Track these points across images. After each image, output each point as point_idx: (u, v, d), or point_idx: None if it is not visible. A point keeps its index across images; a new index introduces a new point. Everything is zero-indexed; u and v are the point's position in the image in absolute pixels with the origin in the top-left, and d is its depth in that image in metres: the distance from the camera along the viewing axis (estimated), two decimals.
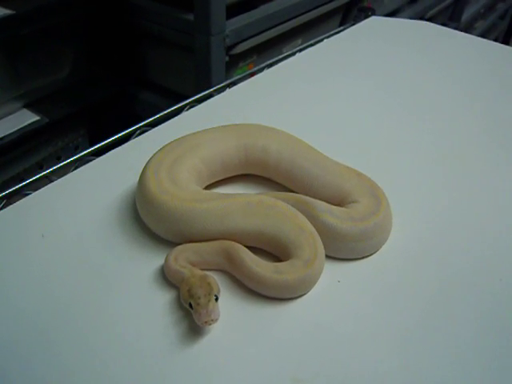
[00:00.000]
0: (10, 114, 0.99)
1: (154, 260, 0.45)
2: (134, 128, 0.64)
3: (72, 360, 0.37)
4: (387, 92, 0.72)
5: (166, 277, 0.43)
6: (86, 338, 0.39)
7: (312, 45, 0.86)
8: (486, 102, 0.71)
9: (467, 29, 1.93)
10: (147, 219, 0.47)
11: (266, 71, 0.78)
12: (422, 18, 1.58)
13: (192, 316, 0.38)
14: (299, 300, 0.42)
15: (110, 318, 0.40)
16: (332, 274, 0.44)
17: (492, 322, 0.41)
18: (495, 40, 0.91)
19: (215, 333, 0.39)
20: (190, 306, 0.38)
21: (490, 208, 0.53)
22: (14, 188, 0.54)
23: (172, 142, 0.52)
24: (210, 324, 0.37)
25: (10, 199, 0.53)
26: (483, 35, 1.97)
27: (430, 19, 1.65)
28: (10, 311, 0.41)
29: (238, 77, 0.78)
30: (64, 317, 0.40)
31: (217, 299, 0.38)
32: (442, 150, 0.61)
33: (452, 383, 0.37)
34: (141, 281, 0.43)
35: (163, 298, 0.42)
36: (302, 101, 0.69)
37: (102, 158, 0.58)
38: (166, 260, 0.43)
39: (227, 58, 1.01)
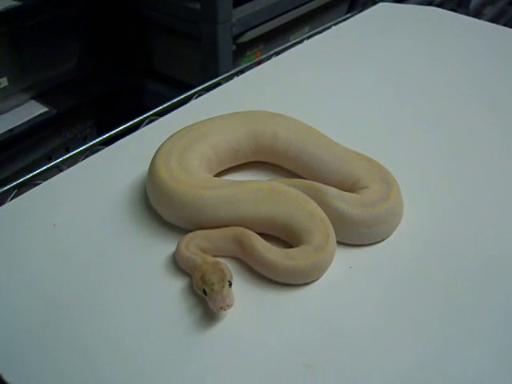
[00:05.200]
0: (19, 105, 0.99)
1: (165, 247, 0.45)
2: (142, 117, 0.64)
3: (86, 347, 0.38)
4: (396, 78, 0.72)
5: (178, 264, 0.43)
6: (99, 326, 0.39)
7: (319, 32, 0.85)
8: (496, 89, 0.70)
9: (476, 15, 1.91)
10: (158, 207, 0.47)
11: (273, 59, 0.77)
12: (430, 4, 1.56)
13: (206, 302, 0.39)
14: (311, 286, 0.42)
15: (123, 306, 0.40)
16: (343, 259, 0.44)
17: (507, 309, 0.41)
18: (504, 26, 0.89)
19: (228, 319, 0.39)
20: (204, 292, 0.38)
21: (502, 195, 0.52)
22: (24, 178, 0.54)
23: (181, 130, 0.52)
24: (226, 309, 0.37)
25: (21, 189, 0.53)
26: (492, 21, 1.95)
27: (438, 5, 1.63)
28: (23, 300, 0.41)
29: (246, 65, 0.77)
30: (77, 304, 0.40)
31: (230, 285, 0.38)
32: (453, 136, 0.60)
33: (465, 372, 0.37)
34: (152, 268, 0.43)
35: (176, 286, 0.42)
36: (310, 88, 0.69)
37: (111, 147, 0.58)
38: (177, 247, 0.43)
39: (234, 47, 1.01)
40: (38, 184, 0.53)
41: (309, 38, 0.83)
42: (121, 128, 0.62)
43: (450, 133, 0.61)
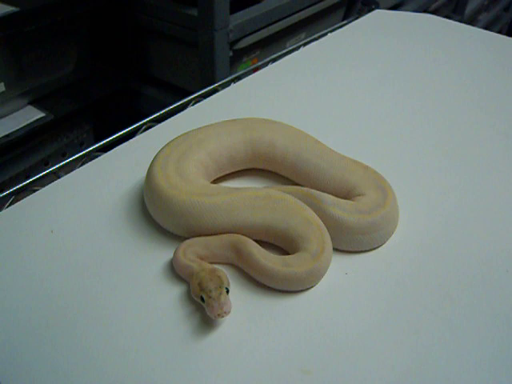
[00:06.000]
0: (16, 111, 0.99)
1: (162, 255, 0.45)
2: (139, 123, 0.64)
3: (84, 350, 0.38)
4: (392, 85, 0.72)
5: (175, 271, 0.43)
6: (96, 331, 0.39)
7: (316, 39, 0.86)
8: (490, 94, 0.70)
9: (471, 21, 1.92)
10: (155, 214, 0.47)
11: (270, 66, 0.78)
12: (425, 11, 1.58)
13: (203, 309, 0.39)
14: (307, 292, 0.42)
15: (120, 312, 0.41)
16: (339, 266, 0.44)
17: (501, 313, 0.41)
18: (499, 32, 0.91)
19: (225, 326, 0.40)
20: (202, 299, 0.38)
21: (496, 200, 0.53)
22: (22, 184, 0.54)
23: (178, 136, 0.52)
24: (223, 316, 0.37)
25: (18, 195, 0.53)
26: (487, 27, 1.96)
27: (433, 12, 1.65)
28: (21, 304, 0.41)
29: (243, 71, 0.78)
30: (74, 310, 0.41)
31: (228, 292, 0.39)
32: (447, 142, 0.61)
33: (461, 375, 0.37)
34: (150, 275, 0.44)
35: (173, 293, 0.42)
36: (306, 95, 0.69)
37: (108, 153, 0.58)
38: (174, 254, 0.43)
39: (231, 53, 1.01)
40: (35, 190, 0.53)
41: (305, 44, 0.84)
42: (118, 134, 0.62)
43: (446, 137, 0.62)
